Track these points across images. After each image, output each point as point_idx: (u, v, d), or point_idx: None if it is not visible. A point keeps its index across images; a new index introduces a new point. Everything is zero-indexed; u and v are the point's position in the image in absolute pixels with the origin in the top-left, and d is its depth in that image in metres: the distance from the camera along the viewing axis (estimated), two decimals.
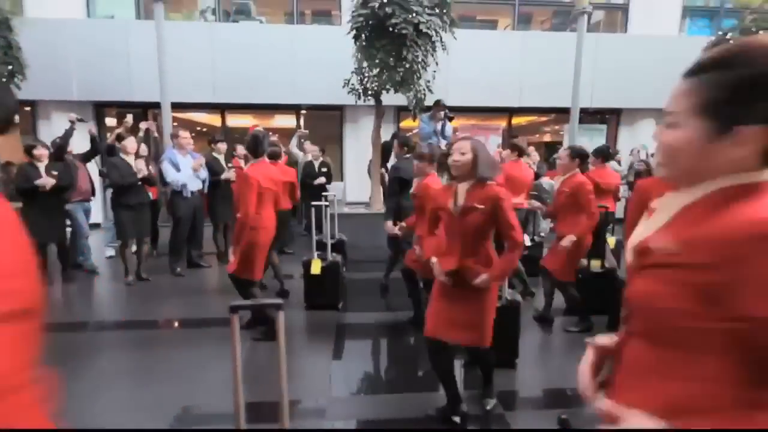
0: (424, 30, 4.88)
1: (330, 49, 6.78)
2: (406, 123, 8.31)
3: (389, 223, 3.60)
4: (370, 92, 5.52)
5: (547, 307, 3.51)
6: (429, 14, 4.86)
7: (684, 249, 0.61)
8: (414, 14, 4.70)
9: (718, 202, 0.62)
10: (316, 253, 3.73)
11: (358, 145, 7.90)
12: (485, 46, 7.56)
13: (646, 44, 7.79)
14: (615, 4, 8.28)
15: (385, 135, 6.65)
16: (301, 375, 2.62)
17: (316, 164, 6.40)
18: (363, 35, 5.19)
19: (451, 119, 5.89)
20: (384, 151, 6.06)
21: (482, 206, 1.89)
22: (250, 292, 3.04)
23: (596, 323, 3.28)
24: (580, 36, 5.81)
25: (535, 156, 6.56)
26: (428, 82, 5.60)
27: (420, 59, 5.19)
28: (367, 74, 5.38)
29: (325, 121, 8.52)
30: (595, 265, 3.53)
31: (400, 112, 8.08)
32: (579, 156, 3.25)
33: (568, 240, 3.09)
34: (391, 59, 5.00)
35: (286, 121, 8.90)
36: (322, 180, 6.25)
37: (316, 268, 3.62)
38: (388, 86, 5.23)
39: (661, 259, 0.65)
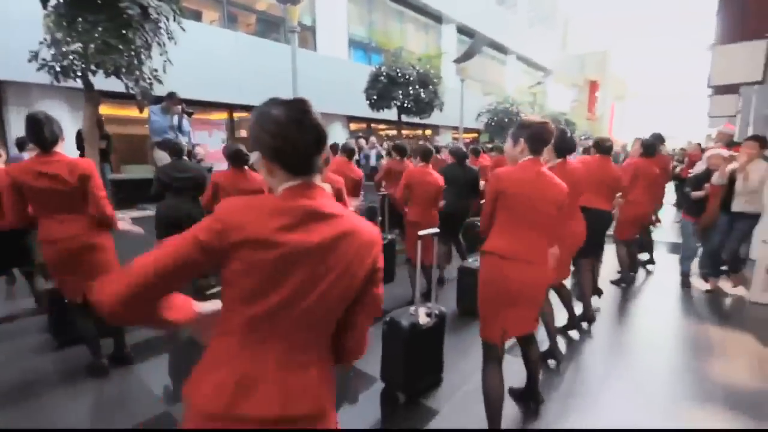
0: (154, 15, 4.46)
1: None
2: (109, 110, 6.92)
3: None
4: (76, 73, 4.43)
5: None
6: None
7: None
8: None
9: None
10: None
11: None
12: (205, 40, 7.42)
13: (330, 63, 9.98)
14: (306, 25, 9.99)
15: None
16: None
17: None
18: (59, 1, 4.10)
19: (190, 115, 5.61)
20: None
21: None
22: None
23: None
24: (294, 50, 6.85)
25: None
26: (155, 71, 5.09)
27: (144, 45, 4.68)
28: (66, 49, 4.29)
29: None
30: None
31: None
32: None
33: None
34: (115, 40, 4.26)
35: None
36: None
37: None
38: (110, 69, 4.40)
39: None
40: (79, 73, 4.45)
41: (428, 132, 14.69)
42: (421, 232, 2.36)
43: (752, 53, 5.23)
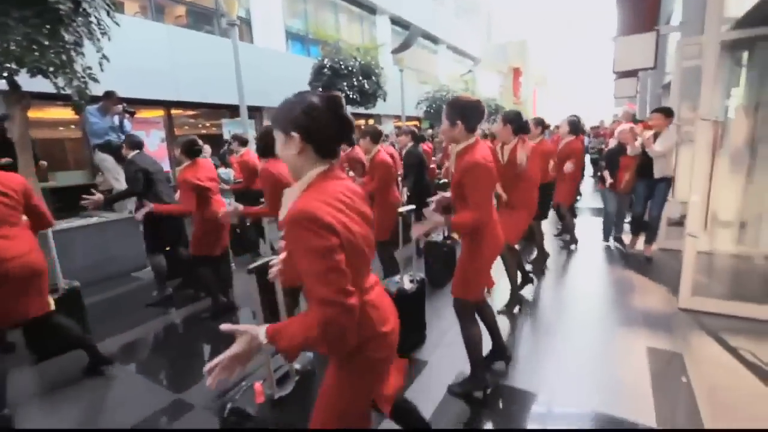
0: (88, 10, 4.21)
1: None
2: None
3: None
4: (4, 70, 4.06)
5: None
6: None
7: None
8: None
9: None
10: None
11: None
12: (135, 34, 6.96)
13: (268, 55, 9.81)
14: (242, 17, 9.66)
15: None
16: None
17: None
18: None
19: (132, 114, 5.33)
20: None
21: None
22: None
23: None
24: (235, 43, 6.72)
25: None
26: (89, 69, 4.79)
27: (75, 42, 4.40)
28: None
29: None
30: None
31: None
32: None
33: None
34: (42, 37, 3.97)
35: None
36: None
37: None
38: (44, 68, 4.10)
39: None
40: (5, 74, 4.09)
41: (371, 121, 14.97)
42: (401, 209, 2.67)
43: (646, 44, 6.18)
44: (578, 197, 7.25)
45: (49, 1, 3.81)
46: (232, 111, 9.42)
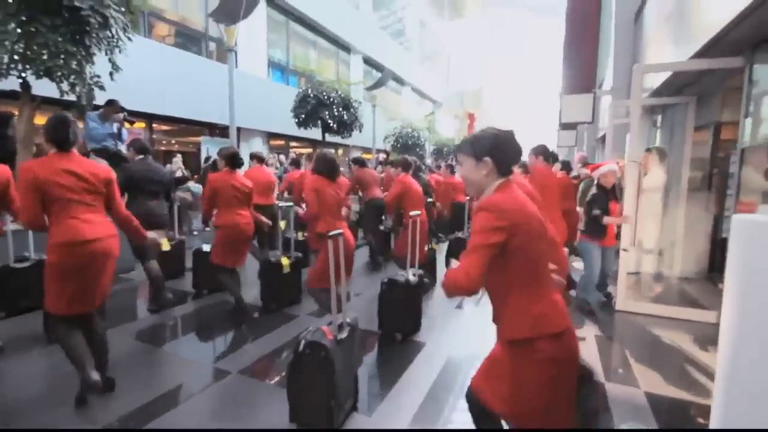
0: (112, 25, 4.55)
1: None
2: None
3: None
4: (17, 72, 4.24)
5: None
6: (116, 10, 4.58)
7: None
8: (107, 5, 4.32)
9: None
10: None
11: None
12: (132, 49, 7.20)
13: (251, 80, 10.31)
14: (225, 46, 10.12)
15: None
16: None
17: None
18: None
19: (132, 123, 5.54)
20: None
21: None
22: None
23: None
24: (231, 68, 7.20)
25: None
26: (98, 77, 5.04)
27: (93, 52, 4.70)
28: (9, 47, 4.12)
29: None
30: None
31: None
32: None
33: None
34: (70, 46, 4.25)
35: None
36: None
37: None
38: (62, 72, 4.33)
39: None
40: (23, 75, 4.26)
41: (341, 151, 15.68)
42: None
43: (585, 102, 7.52)
44: None
45: (83, 12, 4.12)
46: (210, 129, 9.69)
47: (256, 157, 4.93)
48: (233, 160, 3.59)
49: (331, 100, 9.34)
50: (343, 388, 1.99)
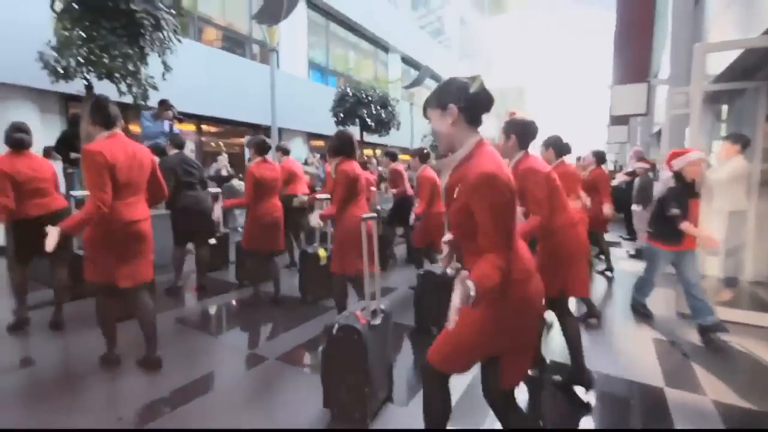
0: (164, 25, 4.81)
1: None
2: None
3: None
4: (82, 75, 4.59)
5: None
6: (167, 13, 4.84)
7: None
8: (159, 7, 4.58)
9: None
10: None
11: None
12: (181, 51, 7.61)
13: (292, 81, 10.56)
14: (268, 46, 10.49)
15: (49, 127, 6.05)
16: None
17: None
18: (72, 6, 4.31)
19: (181, 121, 5.85)
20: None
21: None
22: None
23: None
24: (273, 68, 7.41)
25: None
26: (151, 78, 5.35)
27: (147, 53, 4.99)
28: (76, 51, 4.46)
29: None
30: None
31: (68, 102, 6.54)
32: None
33: None
34: (127, 47, 4.54)
35: None
36: None
37: None
38: (120, 73, 4.63)
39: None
40: (87, 75, 4.61)
41: (378, 151, 15.74)
42: None
43: (638, 93, 7.02)
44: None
45: (137, 15, 4.39)
46: (255, 130, 10.02)
47: (281, 149, 5.21)
48: (263, 146, 3.70)
49: (369, 98, 9.38)
50: (376, 376, 1.94)
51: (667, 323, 3.46)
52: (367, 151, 14.79)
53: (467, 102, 1.27)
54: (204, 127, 9.17)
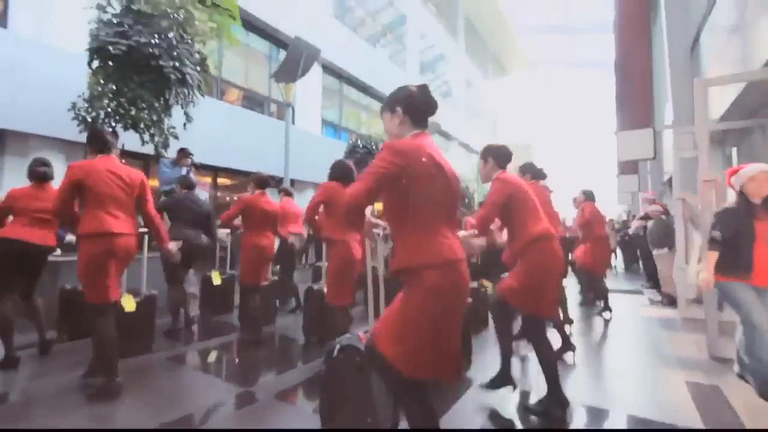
0: (189, 81, 5.20)
1: None
2: None
3: None
4: (110, 125, 4.91)
5: None
6: (192, 69, 5.26)
7: None
8: (186, 65, 4.98)
9: None
10: None
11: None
12: (204, 107, 8.15)
13: (306, 136, 11.07)
14: (284, 102, 11.23)
15: None
16: None
17: None
18: (107, 62, 4.74)
19: (198, 167, 6.10)
20: None
21: None
22: None
23: None
24: (288, 122, 7.84)
25: None
26: (173, 128, 5.68)
27: (171, 105, 5.35)
28: (107, 103, 4.81)
29: None
30: None
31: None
32: None
33: None
34: (154, 99, 4.90)
35: None
36: None
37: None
38: (145, 123, 4.94)
39: None
40: (112, 124, 4.93)
41: None
42: None
43: (644, 138, 7.10)
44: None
45: (165, 70, 4.77)
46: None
47: (284, 190, 5.50)
48: (263, 181, 3.85)
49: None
50: (381, 404, 1.77)
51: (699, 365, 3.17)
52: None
53: (411, 106, 1.51)
54: (220, 179, 9.52)
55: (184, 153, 5.88)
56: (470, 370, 2.88)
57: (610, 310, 4.90)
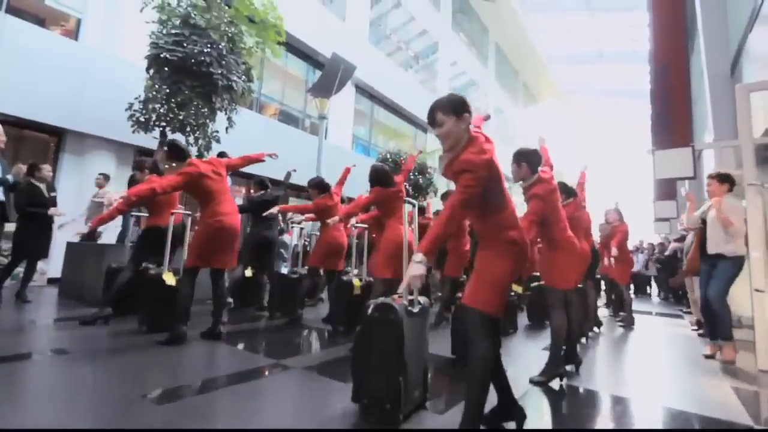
0: (234, 87, 5.58)
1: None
2: None
3: None
4: (160, 126, 5.30)
5: None
6: (238, 77, 5.64)
7: None
8: (233, 73, 5.37)
9: None
10: None
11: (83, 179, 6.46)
12: (243, 119, 8.63)
13: (337, 151, 11.42)
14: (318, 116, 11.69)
15: (120, 176, 6.68)
16: None
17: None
18: (163, 68, 5.16)
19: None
20: None
21: None
22: None
23: None
24: (321, 136, 8.14)
25: None
26: (216, 132, 6.04)
27: (217, 110, 5.72)
28: (159, 106, 5.22)
29: (30, 144, 6.43)
30: None
31: (141, 155, 7.44)
32: None
33: None
34: (203, 103, 5.27)
35: None
36: None
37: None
38: (191, 126, 5.30)
39: None
40: (162, 125, 5.32)
41: None
42: None
43: (683, 156, 6.90)
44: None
45: (214, 77, 5.15)
46: (299, 192, 10.64)
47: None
48: (322, 186, 4.23)
49: (405, 161, 9.85)
50: (412, 369, 1.78)
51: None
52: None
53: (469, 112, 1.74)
54: (253, 190, 9.91)
55: (222, 156, 6.21)
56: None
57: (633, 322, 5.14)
